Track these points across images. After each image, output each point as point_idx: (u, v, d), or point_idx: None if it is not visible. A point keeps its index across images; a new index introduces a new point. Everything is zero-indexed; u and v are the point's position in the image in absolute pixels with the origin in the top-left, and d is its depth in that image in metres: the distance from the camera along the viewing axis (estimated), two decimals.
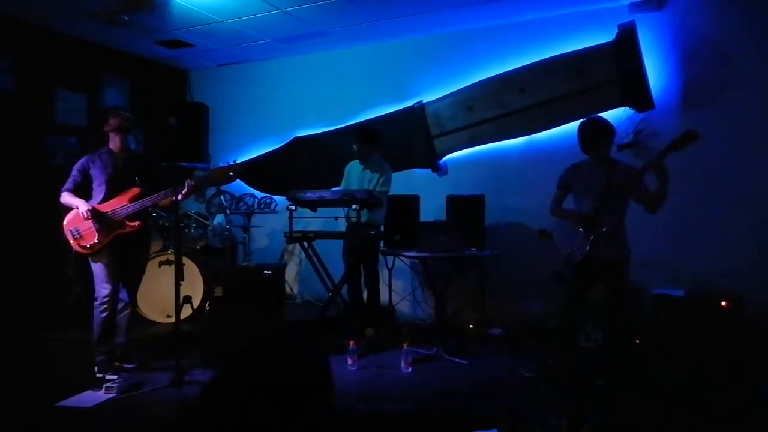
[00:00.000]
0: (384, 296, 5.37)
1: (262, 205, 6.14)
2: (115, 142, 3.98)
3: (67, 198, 3.87)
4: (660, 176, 3.41)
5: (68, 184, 3.90)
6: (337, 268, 5.05)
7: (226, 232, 5.99)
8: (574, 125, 3.91)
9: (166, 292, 4.68)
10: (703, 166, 4.58)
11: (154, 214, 5.13)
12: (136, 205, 3.84)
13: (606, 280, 3.63)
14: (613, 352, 3.70)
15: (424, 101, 5.74)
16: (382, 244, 4.84)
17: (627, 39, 4.73)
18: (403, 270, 5.57)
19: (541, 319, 4.71)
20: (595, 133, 3.67)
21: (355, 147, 4.94)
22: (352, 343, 4.19)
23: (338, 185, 5.15)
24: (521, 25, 5.38)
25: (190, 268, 5.17)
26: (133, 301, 4.11)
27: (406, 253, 4.59)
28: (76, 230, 3.81)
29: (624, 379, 3.55)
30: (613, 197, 3.55)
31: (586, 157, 3.75)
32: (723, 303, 4.03)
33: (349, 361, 4.13)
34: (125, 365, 3.97)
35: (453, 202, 5.21)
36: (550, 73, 5.14)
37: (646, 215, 3.60)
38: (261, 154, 6.61)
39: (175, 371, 3.63)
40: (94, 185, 3.93)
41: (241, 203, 6.14)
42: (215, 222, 5.89)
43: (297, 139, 6.45)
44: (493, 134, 5.50)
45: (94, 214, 3.76)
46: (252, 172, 6.41)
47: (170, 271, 4.77)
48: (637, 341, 4.23)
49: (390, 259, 5.30)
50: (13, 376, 3.91)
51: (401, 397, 3.60)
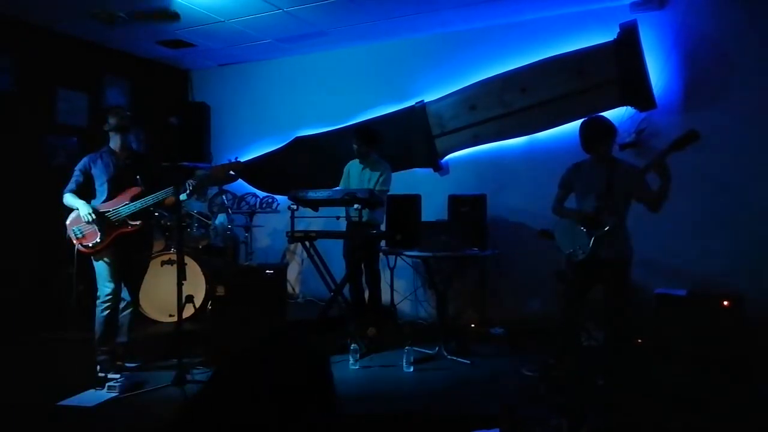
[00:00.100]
0: (386, 296, 5.37)
1: (264, 205, 6.15)
2: (115, 142, 3.99)
3: (69, 199, 3.89)
4: (662, 176, 3.41)
5: (71, 185, 3.92)
6: (339, 267, 5.06)
7: (228, 232, 6.00)
8: (576, 125, 3.92)
9: (169, 292, 4.68)
10: (705, 166, 4.58)
11: (156, 214, 5.13)
12: (138, 204, 3.85)
13: (607, 280, 3.63)
14: (613, 352, 3.70)
15: (425, 101, 5.75)
16: (383, 243, 4.85)
17: (628, 38, 4.73)
18: (404, 269, 5.57)
19: (543, 319, 4.72)
20: (597, 133, 3.67)
21: (354, 146, 4.95)
22: (353, 342, 4.20)
23: (339, 185, 5.16)
24: (522, 24, 5.38)
25: (193, 268, 5.19)
26: (135, 301, 4.12)
27: (407, 253, 4.59)
28: (79, 229, 3.84)
29: (624, 378, 3.55)
30: (614, 197, 3.56)
31: (588, 156, 3.76)
32: (724, 303, 4.03)
33: (351, 361, 4.13)
34: (127, 364, 3.99)
35: (454, 201, 5.21)
36: (551, 73, 5.14)
37: (648, 214, 3.61)
38: (262, 153, 6.62)
39: (178, 370, 3.64)
40: (96, 185, 3.94)
41: (243, 203, 6.14)
42: (217, 221, 5.90)
43: (298, 139, 6.45)
44: (495, 134, 5.50)
45: (96, 216, 3.78)
46: (253, 171, 6.41)
47: (172, 270, 4.77)
48: (638, 341, 4.23)
49: (392, 258, 5.31)
50: (14, 375, 3.92)
51: (403, 397, 3.61)
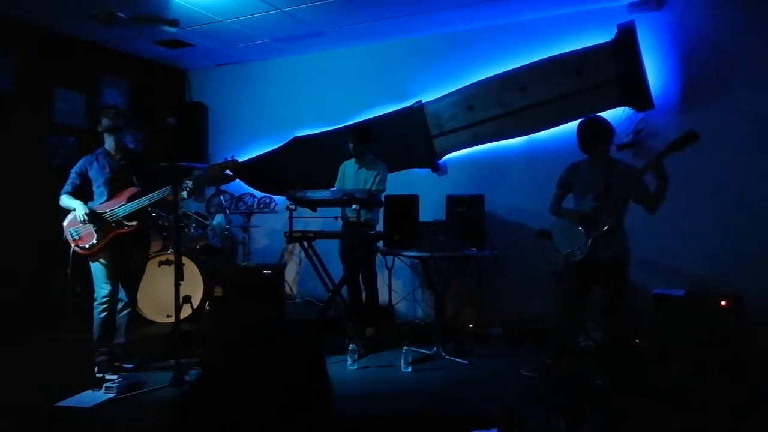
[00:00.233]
0: (384, 296, 5.37)
1: (262, 205, 6.14)
2: (109, 143, 3.97)
3: (66, 201, 3.88)
4: (659, 177, 3.41)
5: (67, 187, 3.91)
6: (337, 267, 5.05)
7: (226, 232, 5.99)
8: (574, 125, 3.92)
9: (166, 292, 4.66)
10: (704, 166, 4.58)
11: (154, 214, 5.12)
12: (134, 205, 3.84)
13: (605, 281, 3.63)
14: (612, 353, 3.70)
15: (424, 101, 5.74)
16: (381, 243, 4.85)
17: (626, 39, 4.73)
18: (402, 270, 5.57)
19: (541, 319, 4.72)
20: (594, 133, 3.67)
21: (350, 145, 4.94)
22: (352, 342, 4.19)
23: (334, 185, 5.15)
24: (521, 24, 5.38)
25: (190, 268, 5.17)
26: (132, 301, 4.11)
27: (405, 253, 4.59)
28: (76, 231, 3.83)
29: (623, 379, 3.55)
30: (612, 197, 3.55)
31: (586, 156, 3.76)
32: (723, 303, 4.03)
33: (349, 361, 4.13)
34: (125, 365, 3.98)
35: (452, 201, 5.21)
36: (549, 73, 5.14)
37: (646, 215, 3.61)
38: (260, 153, 6.61)
39: (176, 371, 3.63)
40: (94, 187, 3.93)
41: (241, 203, 6.14)
42: (215, 222, 5.89)
43: (296, 139, 6.44)
44: (493, 134, 5.50)
45: (92, 218, 3.76)
46: (251, 171, 6.40)
47: (170, 270, 4.76)
48: (637, 341, 4.23)
49: (390, 258, 5.30)
50: (13, 376, 3.91)
51: (401, 397, 3.61)
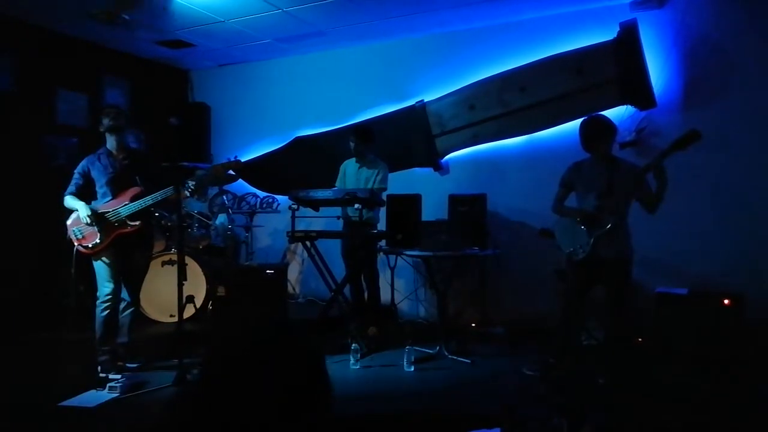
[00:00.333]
0: (386, 295, 5.38)
1: (265, 205, 6.15)
2: (111, 143, 3.98)
3: (69, 201, 3.89)
4: (659, 178, 3.41)
5: (71, 188, 3.92)
6: (340, 267, 5.06)
7: (229, 232, 6.00)
8: (576, 124, 3.92)
9: (169, 292, 4.68)
10: (705, 165, 4.58)
11: (157, 214, 5.14)
12: (137, 205, 3.85)
13: (607, 279, 3.63)
14: (614, 352, 3.70)
15: (425, 100, 5.74)
16: (384, 243, 4.86)
17: (628, 37, 4.73)
18: (405, 269, 5.57)
19: (543, 318, 4.72)
20: (597, 132, 3.67)
21: (351, 144, 4.95)
22: (354, 342, 4.20)
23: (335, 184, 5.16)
24: (521, 24, 5.37)
25: (193, 268, 5.19)
26: (135, 301, 4.12)
27: (407, 252, 4.59)
28: (79, 230, 3.84)
29: (625, 378, 3.55)
30: (615, 196, 3.55)
31: (588, 155, 3.75)
32: (725, 302, 4.02)
33: (352, 360, 4.14)
34: (128, 365, 3.99)
35: (454, 201, 5.21)
36: (551, 72, 5.13)
37: (648, 214, 3.61)
38: (262, 153, 6.61)
39: (179, 371, 3.64)
40: (97, 187, 3.94)
41: (244, 203, 6.14)
42: (218, 222, 5.90)
43: (298, 139, 6.44)
44: (495, 133, 5.50)
45: (94, 219, 3.78)
46: (253, 171, 6.41)
47: (173, 270, 4.78)
48: (639, 340, 4.23)
49: (392, 258, 5.31)
50: (15, 376, 3.92)
51: (403, 397, 3.61)
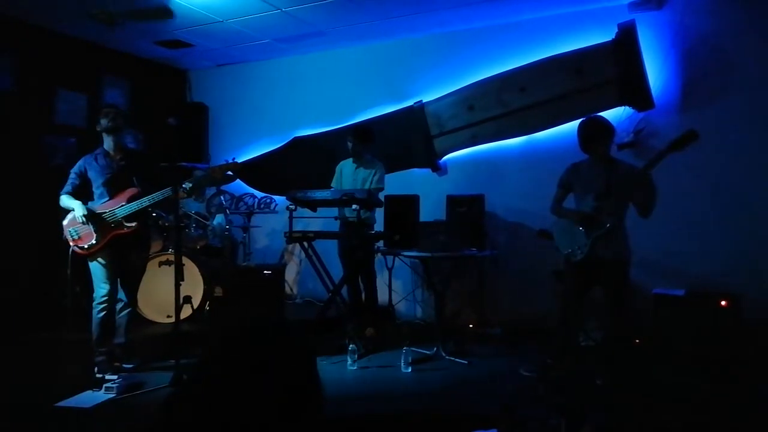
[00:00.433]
0: (384, 296, 5.37)
1: (262, 205, 6.14)
2: (108, 143, 3.97)
3: (65, 201, 3.88)
4: (647, 186, 3.45)
5: (67, 187, 3.91)
6: (337, 268, 5.05)
7: (226, 232, 5.99)
8: (574, 125, 3.91)
9: (166, 292, 4.68)
10: (704, 166, 4.58)
11: (154, 214, 5.13)
12: (134, 205, 3.84)
13: (605, 280, 3.62)
14: (612, 352, 3.70)
15: (424, 101, 5.74)
16: (382, 243, 4.85)
17: (627, 38, 4.73)
18: (402, 270, 5.57)
19: (541, 319, 4.71)
20: (595, 133, 3.67)
21: (349, 144, 4.94)
22: (352, 343, 4.19)
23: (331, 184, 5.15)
24: (520, 24, 5.37)
25: (190, 268, 5.18)
26: (132, 302, 4.11)
27: (405, 253, 4.58)
28: (75, 231, 3.83)
29: (624, 378, 3.54)
30: (613, 197, 3.55)
31: (586, 156, 3.75)
32: (723, 302, 4.02)
33: (349, 361, 4.13)
34: (125, 365, 3.98)
35: (453, 201, 5.21)
36: (549, 73, 5.14)
37: (642, 218, 3.60)
38: (260, 154, 6.61)
39: (176, 371, 3.63)
40: (94, 188, 3.93)
41: (241, 203, 6.14)
42: (215, 222, 5.89)
43: (296, 139, 6.44)
44: (493, 134, 5.50)
45: (90, 218, 3.76)
46: (252, 171, 6.40)
47: (170, 271, 4.77)
48: (637, 341, 4.22)
49: (390, 258, 5.30)
50: (12, 376, 3.91)
51: (401, 397, 3.60)
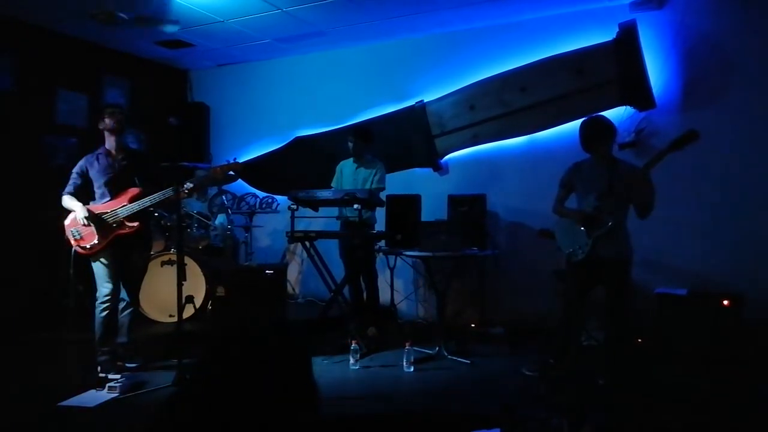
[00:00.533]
0: (386, 296, 5.37)
1: (264, 205, 6.14)
2: (110, 143, 3.97)
3: (67, 202, 3.88)
4: (647, 187, 3.46)
5: (68, 187, 3.92)
6: (339, 267, 5.05)
7: (228, 232, 6.00)
8: (576, 124, 3.92)
9: (169, 292, 4.68)
10: (705, 165, 4.59)
11: (156, 214, 5.13)
12: (135, 206, 3.84)
13: (607, 280, 3.63)
14: (614, 352, 3.70)
15: (425, 101, 5.74)
16: (383, 243, 4.86)
17: (628, 38, 4.73)
18: (404, 269, 5.57)
19: (543, 319, 4.72)
20: (597, 133, 3.67)
21: (350, 144, 4.94)
22: (354, 342, 4.20)
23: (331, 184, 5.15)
24: (521, 24, 5.37)
25: (192, 268, 5.18)
26: (134, 301, 4.12)
27: (407, 253, 4.59)
28: (77, 231, 3.83)
29: (625, 378, 3.55)
30: (614, 196, 3.56)
31: (588, 156, 3.75)
32: (725, 302, 4.03)
33: (351, 361, 4.13)
34: (128, 365, 3.99)
35: (454, 201, 5.22)
36: (550, 73, 5.14)
37: (640, 219, 3.61)
38: (262, 153, 6.62)
39: (178, 371, 3.63)
40: (95, 187, 3.93)
41: (243, 203, 6.14)
42: (217, 222, 5.89)
43: (298, 139, 6.45)
44: (495, 133, 5.50)
45: (92, 219, 3.77)
46: (253, 171, 6.41)
47: (172, 270, 4.78)
48: (639, 340, 4.23)
49: (391, 258, 5.31)
50: (15, 375, 3.92)
51: (403, 397, 3.61)
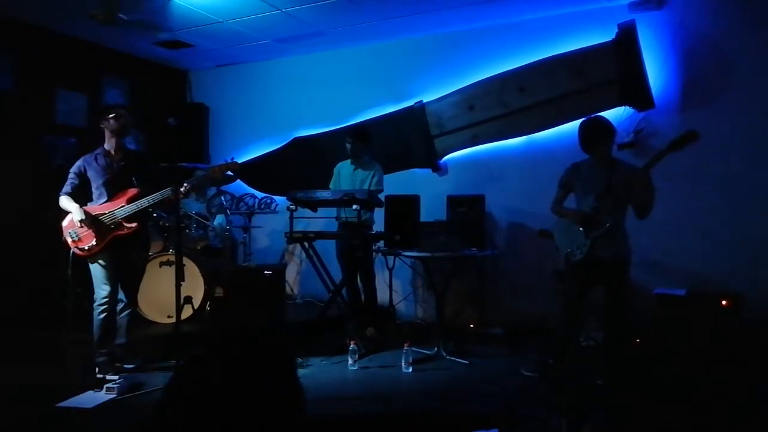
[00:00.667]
0: (384, 296, 5.37)
1: (263, 206, 6.15)
2: (110, 143, 3.96)
3: (64, 203, 3.87)
4: (646, 187, 3.46)
5: (66, 188, 3.90)
6: (338, 268, 5.05)
7: (227, 233, 5.99)
8: (575, 125, 3.91)
9: (167, 293, 4.67)
10: (704, 166, 4.59)
11: (155, 215, 5.13)
12: (133, 207, 3.83)
13: (606, 280, 3.63)
14: (613, 352, 3.70)
15: (424, 101, 5.74)
16: (382, 243, 4.85)
17: (627, 38, 4.73)
18: (403, 270, 5.57)
19: (542, 319, 4.71)
20: (596, 133, 3.67)
21: (348, 145, 4.94)
22: (352, 343, 4.19)
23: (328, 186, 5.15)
24: (521, 24, 5.38)
25: (191, 269, 5.17)
26: (132, 302, 4.11)
27: (406, 253, 4.58)
28: (75, 232, 3.81)
29: (624, 378, 3.55)
30: (613, 197, 3.55)
31: (587, 156, 3.75)
32: (724, 302, 4.03)
33: (350, 361, 4.13)
34: (126, 366, 3.98)
35: (453, 201, 5.22)
36: (550, 73, 5.14)
37: (639, 219, 3.61)
38: (261, 154, 6.61)
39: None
40: (93, 187, 3.92)
41: (242, 203, 6.14)
42: (216, 222, 5.89)
43: (297, 140, 6.44)
44: (494, 134, 5.50)
45: (89, 221, 3.75)
46: (252, 172, 6.41)
47: (171, 271, 4.77)
48: (638, 341, 4.23)
49: (390, 259, 5.30)
50: (14, 376, 3.91)
51: (401, 397, 3.60)
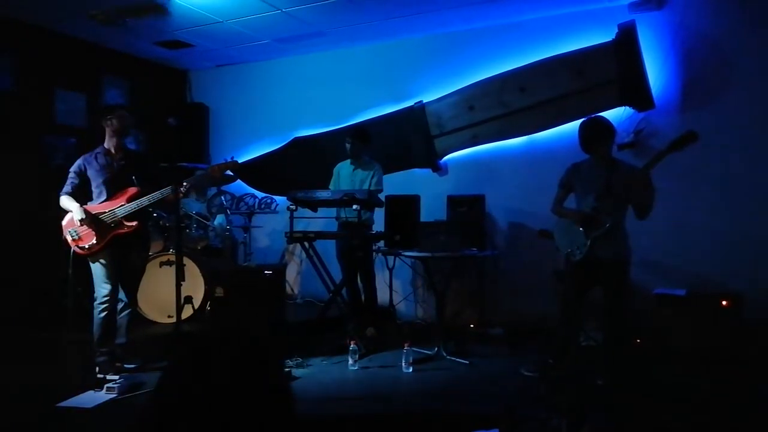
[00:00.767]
0: (384, 296, 5.37)
1: (263, 206, 6.15)
2: (111, 143, 3.96)
3: (64, 202, 3.87)
4: (646, 187, 3.46)
5: (66, 187, 3.90)
6: (338, 268, 5.05)
7: (227, 233, 5.99)
8: (575, 125, 3.91)
9: (167, 293, 4.68)
10: (704, 166, 4.59)
11: (155, 215, 5.13)
12: (134, 205, 3.83)
13: (605, 280, 3.63)
14: (613, 352, 3.70)
15: (424, 101, 5.75)
16: (382, 243, 4.86)
17: (627, 38, 4.74)
18: (403, 270, 5.57)
19: (542, 319, 4.71)
20: (596, 133, 3.67)
21: (348, 145, 4.94)
22: (353, 343, 4.20)
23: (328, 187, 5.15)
24: (521, 24, 5.38)
25: (191, 269, 5.18)
26: (132, 302, 4.11)
27: (406, 253, 4.58)
28: (75, 231, 3.81)
29: (624, 378, 3.55)
30: (613, 197, 3.56)
31: (587, 156, 3.75)
32: (723, 302, 4.03)
33: (350, 361, 4.13)
34: (126, 365, 3.97)
35: (453, 202, 5.22)
36: (550, 73, 5.14)
37: (638, 219, 3.61)
38: (261, 154, 6.61)
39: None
40: (93, 186, 3.92)
41: (242, 203, 6.14)
42: (216, 222, 5.89)
43: (297, 140, 6.44)
44: (494, 134, 5.50)
45: (89, 220, 3.76)
46: (252, 172, 6.41)
47: (171, 271, 4.78)
48: (638, 341, 4.23)
49: (390, 259, 5.30)
50: (14, 376, 3.91)
51: (402, 397, 3.60)
